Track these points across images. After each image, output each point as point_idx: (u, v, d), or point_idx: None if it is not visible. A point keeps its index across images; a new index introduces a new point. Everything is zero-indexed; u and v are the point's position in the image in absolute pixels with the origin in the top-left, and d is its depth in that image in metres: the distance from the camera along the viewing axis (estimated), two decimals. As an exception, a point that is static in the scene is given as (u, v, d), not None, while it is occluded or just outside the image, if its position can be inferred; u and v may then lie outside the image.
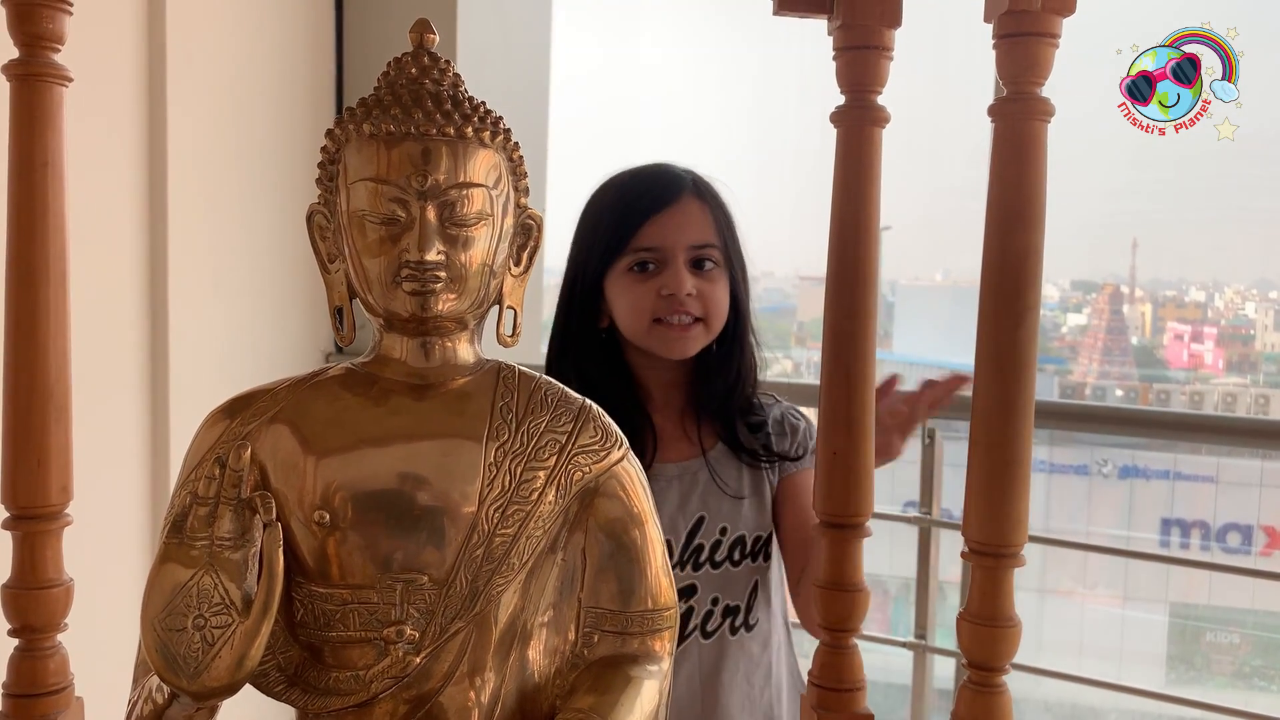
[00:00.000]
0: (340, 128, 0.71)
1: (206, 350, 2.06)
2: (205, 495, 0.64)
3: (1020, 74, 0.79)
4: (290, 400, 0.71)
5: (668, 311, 1.33)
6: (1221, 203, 22.37)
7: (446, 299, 0.69)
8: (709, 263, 1.35)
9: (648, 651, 0.72)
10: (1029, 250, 0.80)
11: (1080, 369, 18.35)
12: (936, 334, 17.89)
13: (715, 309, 1.36)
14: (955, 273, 20.46)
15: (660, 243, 1.33)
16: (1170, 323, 20.03)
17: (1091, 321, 19.70)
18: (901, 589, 6.93)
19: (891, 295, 18.43)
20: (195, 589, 0.61)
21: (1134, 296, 20.52)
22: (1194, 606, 12.60)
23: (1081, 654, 10.52)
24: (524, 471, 0.69)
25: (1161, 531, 13.47)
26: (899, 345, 17.65)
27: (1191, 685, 11.35)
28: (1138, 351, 19.22)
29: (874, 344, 0.89)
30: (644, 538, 0.73)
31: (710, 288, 1.35)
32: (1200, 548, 13.20)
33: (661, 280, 1.32)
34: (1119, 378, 17.95)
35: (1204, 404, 16.45)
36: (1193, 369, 18.68)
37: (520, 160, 0.73)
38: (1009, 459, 0.81)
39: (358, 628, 0.67)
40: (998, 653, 0.82)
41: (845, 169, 0.88)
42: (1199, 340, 19.34)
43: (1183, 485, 13.71)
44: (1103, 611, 12.38)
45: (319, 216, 0.74)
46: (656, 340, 1.35)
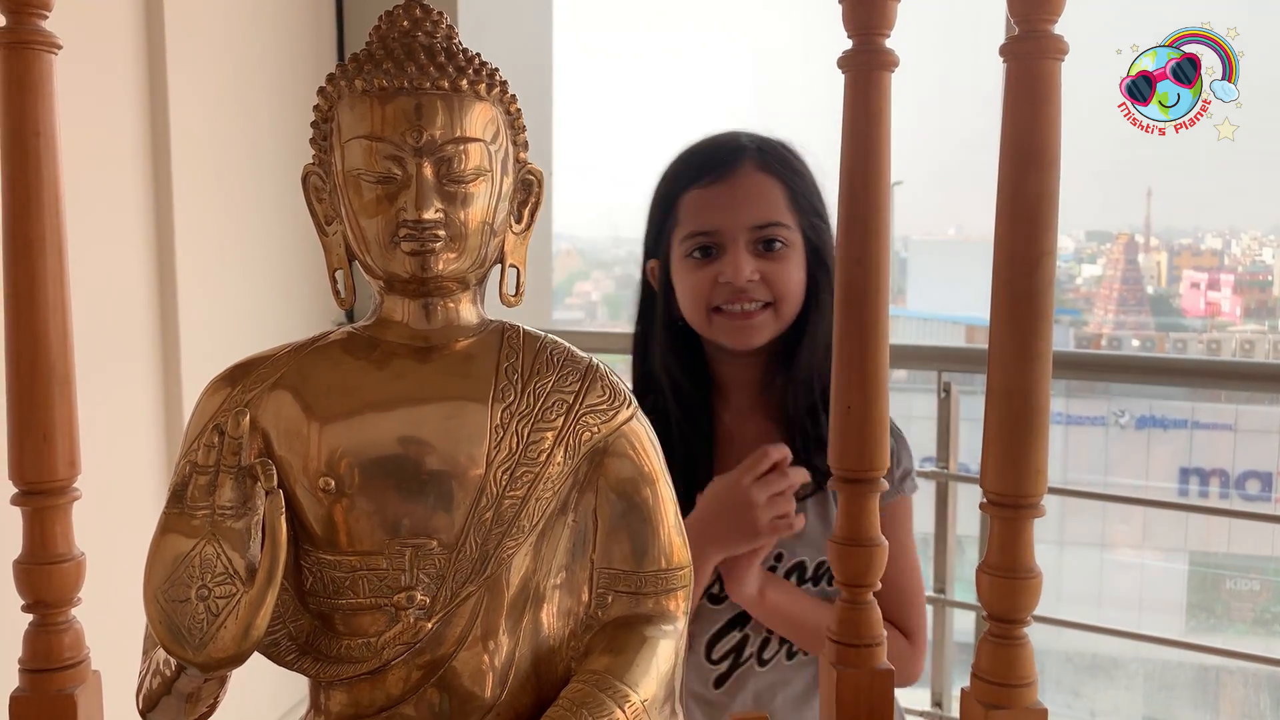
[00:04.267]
0: (332, 84, 0.69)
1: (216, 321, 2.05)
2: (205, 464, 0.63)
3: (1032, 11, 0.77)
4: (291, 366, 0.70)
5: (727, 300, 1.21)
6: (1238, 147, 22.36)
7: (446, 258, 0.67)
8: (778, 243, 1.21)
9: (662, 611, 0.71)
10: (1044, 194, 0.78)
11: (1096, 320, 18.26)
12: (950, 290, 17.81)
13: (786, 291, 1.22)
14: (968, 228, 20.33)
15: (717, 224, 1.21)
16: (1186, 270, 19.87)
17: (1106, 272, 19.57)
18: (920, 544, 6.96)
19: (904, 251, 18.33)
20: (198, 559, 0.60)
21: (1149, 245, 20.36)
22: (1213, 554, 12.60)
23: (1101, 604, 10.55)
24: (531, 433, 0.68)
25: (1180, 480, 13.46)
26: (913, 301, 17.57)
27: (1212, 633, 11.37)
28: (1154, 301, 19.10)
29: (887, 295, 0.87)
30: (655, 497, 0.71)
31: (779, 269, 1.21)
32: (1219, 495, 13.19)
33: (719, 266, 1.21)
34: (1135, 327, 17.85)
35: (1221, 351, 16.37)
36: (1209, 317, 18.56)
37: (518, 114, 0.71)
38: (1027, 407, 0.79)
39: (368, 594, 0.66)
40: (1018, 605, 0.81)
41: (854, 115, 0.86)
42: (1215, 288, 19.19)
43: (1201, 434, 13.67)
44: (1122, 561, 12.39)
45: (314, 178, 0.72)
46: (719, 331, 1.23)
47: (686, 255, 1.23)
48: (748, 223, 1.20)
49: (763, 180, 1.22)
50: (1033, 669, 0.80)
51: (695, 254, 1.22)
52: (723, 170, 1.22)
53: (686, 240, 1.23)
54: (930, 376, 2.23)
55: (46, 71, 0.80)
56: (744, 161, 1.23)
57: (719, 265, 1.21)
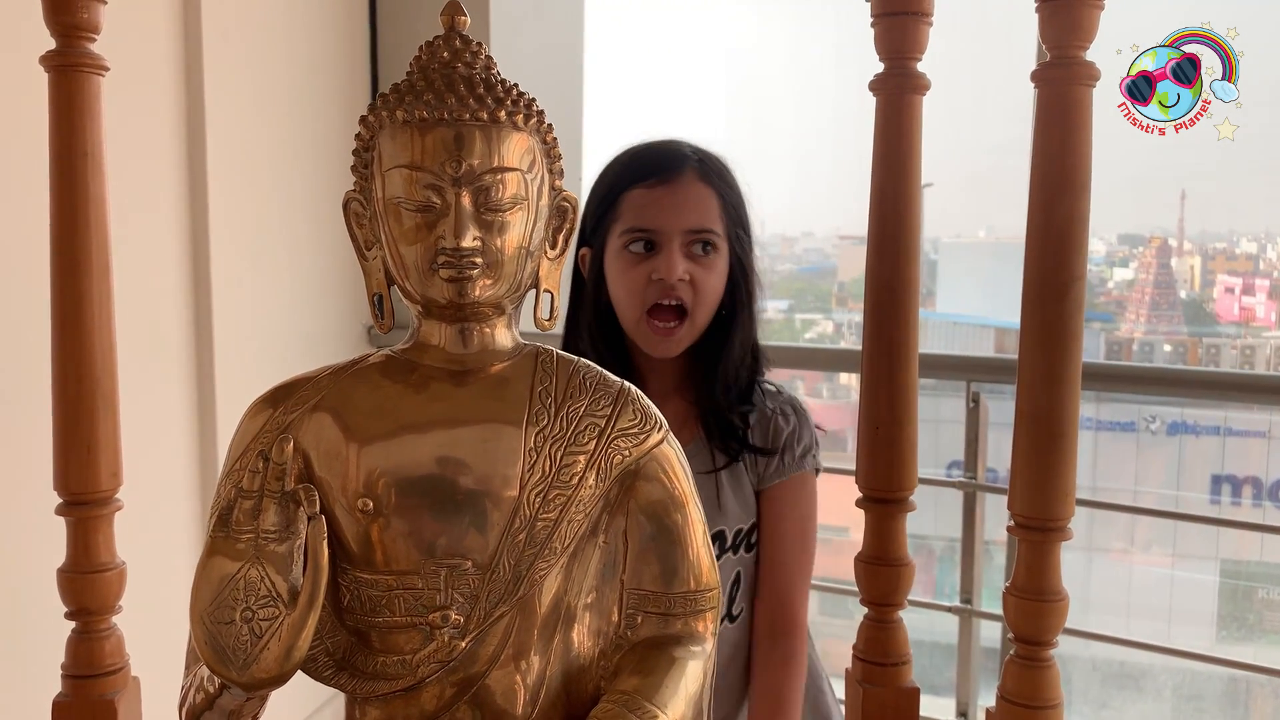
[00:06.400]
0: (374, 114, 0.71)
1: (249, 333, 2.08)
2: (250, 489, 0.65)
3: (1064, 37, 0.77)
4: (332, 389, 0.71)
5: (658, 296, 1.29)
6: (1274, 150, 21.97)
7: (483, 285, 0.69)
8: (708, 247, 1.30)
9: (691, 632, 0.72)
10: (1074, 219, 0.79)
11: (1128, 324, 18.05)
12: (979, 292, 17.68)
13: (703, 299, 1.31)
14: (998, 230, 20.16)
15: (657, 224, 1.29)
16: (1220, 275, 19.60)
17: (1139, 276, 19.33)
18: (946, 549, 6.91)
19: (934, 253, 18.20)
20: (242, 582, 0.62)
21: (1182, 249, 20.09)
22: (1245, 563, 12.44)
23: (1130, 613, 10.44)
24: (564, 456, 0.69)
25: (1212, 488, 13.28)
26: (942, 304, 17.45)
27: (1243, 643, 11.24)
28: (1187, 305, 18.85)
29: (916, 317, 0.88)
30: (685, 519, 0.73)
31: (704, 275, 1.30)
32: (1252, 504, 13.01)
33: (654, 264, 1.29)
34: (1167, 332, 17.62)
35: (1255, 358, 16.13)
36: (1244, 323, 18.29)
37: (554, 142, 0.73)
38: (1055, 432, 0.79)
39: (403, 613, 0.68)
40: (1045, 627, 0.81)
41: (885, 139, 0.86)
42: (1250, 293, 18.91)
43: (1234, 441, 13.48)
44: (1152, 569, 12.26)
45: (355, 204, 0.74)
46: (642, 337, 1.32)
47: (625, 248, 1.31)
48: (684, 226, 1.29)
49: (701, 189, 1.31)
50: (1059, 691, 0.81)
51: (633, 248, 1.30)
52: (666, 174, 1.31)
53: (626, 234, 1.31)
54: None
55: (94, 93, 0.82)
56: (686, 169, 1.31)
57: (654, 263, 1.29)
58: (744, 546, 1.36)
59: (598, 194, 1.36)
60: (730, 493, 1.36)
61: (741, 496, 1.36)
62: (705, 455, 1.34)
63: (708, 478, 1.34)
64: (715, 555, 1.28)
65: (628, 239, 1.30)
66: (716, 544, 1.33)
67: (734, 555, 1.36)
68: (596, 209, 1.35)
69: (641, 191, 1.31)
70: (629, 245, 1.30)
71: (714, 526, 1.33)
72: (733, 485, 1.36)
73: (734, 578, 1.35)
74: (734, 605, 1.36)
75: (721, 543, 1.34)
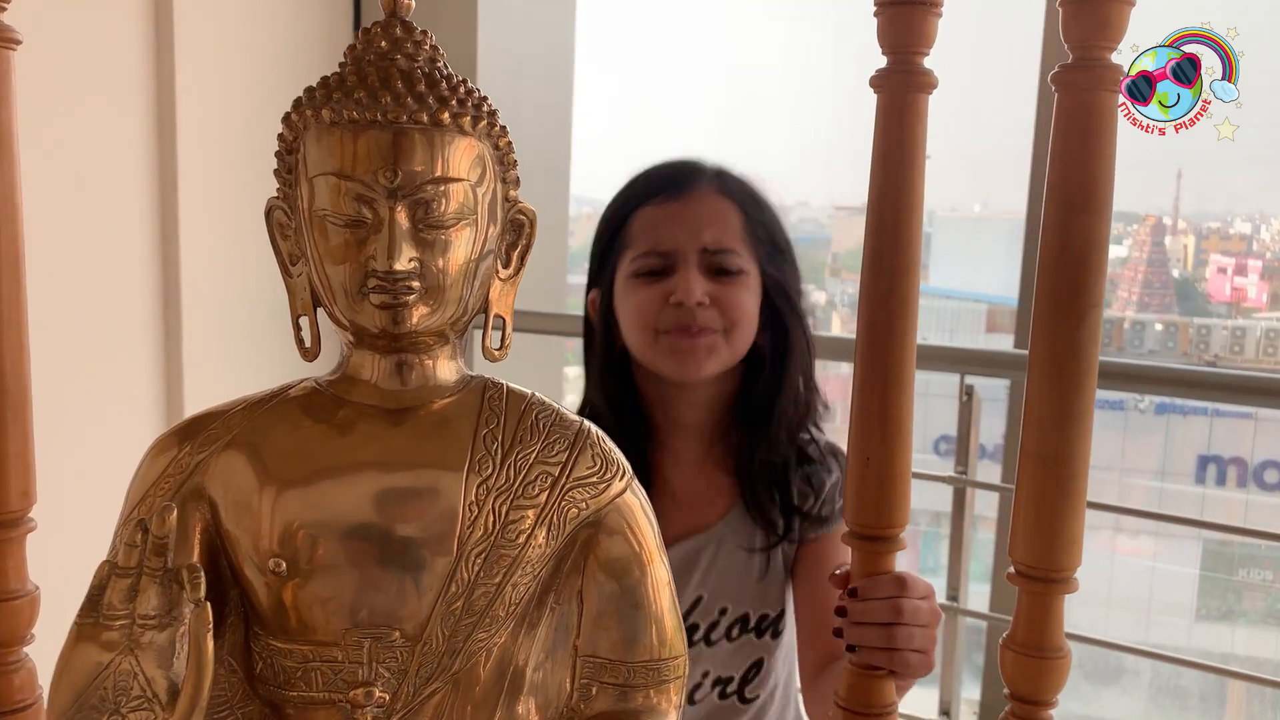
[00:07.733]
0: (298, 113, 0.61)
1: (219, 323, 2.00)
2: (126, 565, 0.54)
3: (1090, 36, 0.69)
4: (245, 426, 0.62)
5: (675, 323, 1.10)
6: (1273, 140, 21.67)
7: (421, 312, 0.59)
8: (732, 270, 1.12)
9: (651, 707, 0.63)
10: (1093, 239, 0.71)
11: (1119, 302, 18.04)
12: (974, 267, 17.60)
13: (739, 318, 1.11)
14: (994, 205, 20.09)
15: (670, 243, 1.10)
16: (1213, 255, 19.58)
17: (1132, 254, 19.32)
18: (932, 522, 6.88)
19: (929, 226, 18.09)
20: (111, 678, 0.52)
21: (1176, 228, 20.07)
22: (1228, 543, 12.51)
23: (1111, 596, 10.47)
24: (510, 511, 0.60)
25: (1198, 468, 13.33)
26: (935, 278, 17.38)
27: (1221, 622, 11.31)
28: (1179, 285, 18.85)
29: (914, 340, 0.80)
30: (649, 579, 0.64)
31: (732, 293, 1.11)
32: (1237, 484, 13.06)
33: (669, 285, 1.10)
34: (1159, 310, 17.63)
35: (1245, 339, 16.15)
36: (1235, 303, 18.30)
37: (509, 148, 0.62)
38: (1064, 474, 0.72)
39: (321, 688, 0.59)
40: (1044, 686, 0.75)
41: (885, 141, 0.78)
42: (1243, 273, 18.91)
43: (1221, 422, 13.51)
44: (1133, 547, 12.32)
45: (279, 213, 0.64)
46: (663, 354, 1.11)
47: (633, 275, 1.13)
48: (701, 244, 1.11)
49: (721, 203, 1.13)
50: (1058, 757, 0.74)
51: (642, 274, 1.12)
52: (678, 189, 1.13)
53: (636, 260, 1.13)
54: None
55: (3, 70, 0.73)
56: (702, 183, 1.14)
57: (669, 284, 1.10)
58: (770, 633, 1.19)
59: (604, 224, 1.18)
60: (770, 576, 1.18)
61: (777, 582, 1.18)
62: (746, 531, 1.17)
63: (747, 554, 1.17)
64: (732, 635, 1.16)
65: (639, 265, 1.12)
66: (738, 625, 1.18)
67: (756, 639, 1.19)
68: (603, 241, 1.17)
69: (652, 209, 1.13)
70: (639, 271, 1.12)
71: (740, 608, 1.18)
72: (772, 568, 1.19)
73: (754, 662, 1.20)
74: (746, 688, 1.19)
75: (744, 624, 1.18)
